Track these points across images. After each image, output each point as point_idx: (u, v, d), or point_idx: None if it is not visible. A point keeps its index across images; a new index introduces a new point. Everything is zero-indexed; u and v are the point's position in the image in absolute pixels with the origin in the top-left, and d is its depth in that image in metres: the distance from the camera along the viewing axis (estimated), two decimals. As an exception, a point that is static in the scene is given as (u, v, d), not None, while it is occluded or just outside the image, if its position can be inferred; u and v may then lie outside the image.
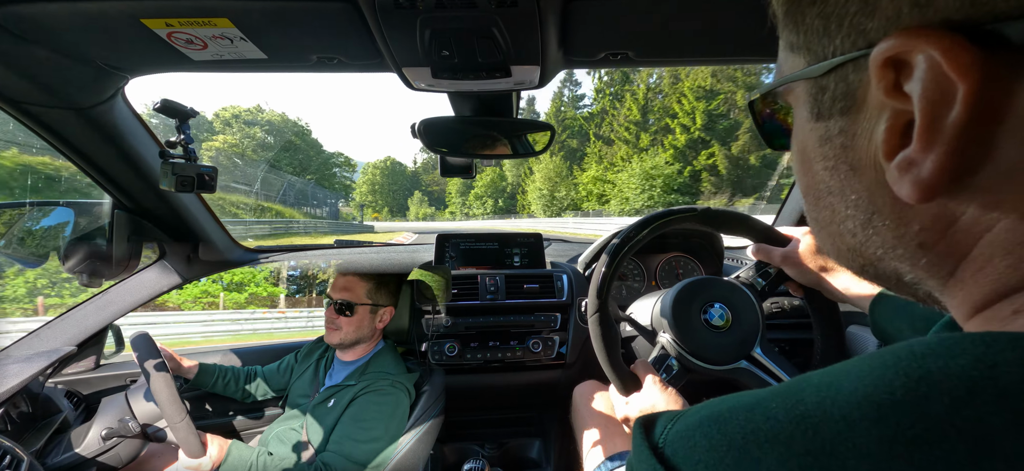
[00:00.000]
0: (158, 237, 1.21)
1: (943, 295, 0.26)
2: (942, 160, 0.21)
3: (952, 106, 0.20)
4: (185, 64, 0.76)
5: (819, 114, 0.26)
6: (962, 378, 0.18)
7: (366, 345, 1.28)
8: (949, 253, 0.24)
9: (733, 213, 0.90)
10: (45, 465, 1.08)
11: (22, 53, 0.69)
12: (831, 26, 0.24)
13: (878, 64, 0.22)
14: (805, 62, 0.26)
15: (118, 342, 1.38)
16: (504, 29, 0.63)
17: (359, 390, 1.17)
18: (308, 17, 0.63)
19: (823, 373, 0.22)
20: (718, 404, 0.25)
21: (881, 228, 0.26)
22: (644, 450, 0.25)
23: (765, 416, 0.22)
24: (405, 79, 0.79)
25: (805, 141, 0.28)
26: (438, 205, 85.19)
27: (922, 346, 0.20)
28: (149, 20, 0.62)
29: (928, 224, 0.24)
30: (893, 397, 0.19)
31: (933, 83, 0.20)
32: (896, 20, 0.21)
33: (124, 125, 0.93)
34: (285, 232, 23.12)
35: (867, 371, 0.20)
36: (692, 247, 1.56)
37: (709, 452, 0.23)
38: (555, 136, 0.97)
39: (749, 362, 0.86)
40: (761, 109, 0.33)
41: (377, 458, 1.10)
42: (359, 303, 1.24)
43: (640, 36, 0.72)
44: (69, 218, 1.08)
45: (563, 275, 1.45)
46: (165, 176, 0.89)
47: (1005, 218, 0.21)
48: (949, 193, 0.22)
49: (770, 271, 0.91)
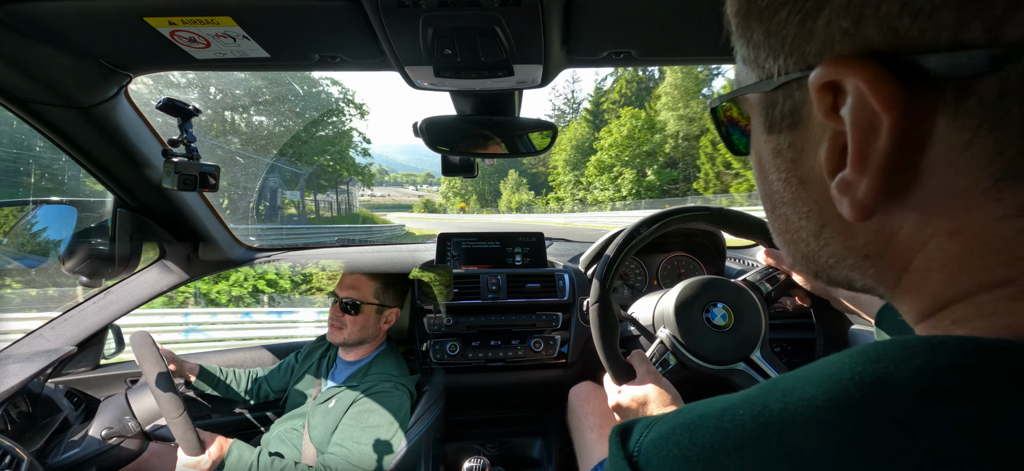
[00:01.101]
0: (161, 236, 1.21)
1: (894, 300, 0.27)
2: (874, 184, 0.22)
3: (879, 135, 0.21)
4: (188, 62, 0.76)
5: (771, 127, 0.27)
6: (911, 382, 0.19)
7: (369, 346, 1.28)
8: (892, 265, 0.25)
9: (748, 217, 0.90)
10: (45, 465, 1.08)
11: (26, 51, 0.69)
12: (775, 45, 0.24)
13: (815, 88, 0.22)
14: (755, 77, 0.27)
15: (118, 342, 1.38)
16: (507, 27, 0.63)
17: (362, 391, 1.17)
18: (311, 15, 0.63)
19: (789, 377, 0.23)
20: (690, 411, 0.25)
21: (831, 239, 0.26)
22: (619, 459, 0.25)
23: (733, 423, 0.22)
24: (407, 78, 0.79)
25: (760, 151, 0.29)
26: (540, 189, 63.97)
27: (878, 350, 0.20)
28: (152, 18, 0.62)
29: (871, 238, 0.25)
30: (850, 401, 0.19)
31: (861, 112, 0.21)
32: (830, 46, 0.22)
33: (127, 124, 0.93)
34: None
35: (826, 375, 0.21)
36: (694, 246, 1.55)
37: (681, 460, 0.23)
38: (557, 135, 0.96)
39: (747, 365, 0.85)
40: (722, 117, 0.33)
41: (380, 458, 1.10)
42: (365, 302, 1.23)
43: (643, 35, 0.72)
44: (73, 216, 1.09)
45: (565, 274, 1.45)
46: (168, 174, 0.89)
47: (937, 236, 0.22)
48: (886, 211, 0.23)
49: (778, 276, 0.91)
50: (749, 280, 0.92)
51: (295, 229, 25.33)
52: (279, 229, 23.27)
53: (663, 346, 0.89)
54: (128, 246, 1.13)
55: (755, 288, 0.91)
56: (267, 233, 21.37)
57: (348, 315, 1.21)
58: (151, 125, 0.99)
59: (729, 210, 0.89)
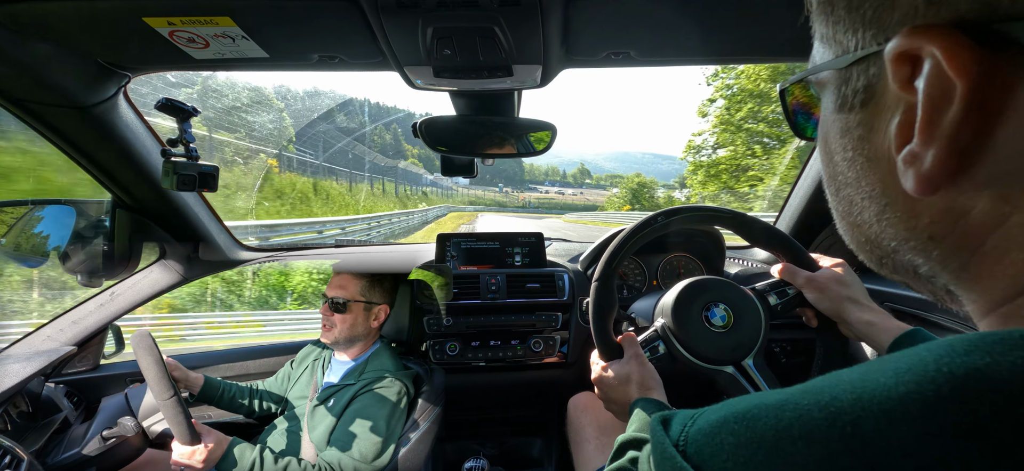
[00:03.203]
0: (160, 236, 1.21)
1: (958, 289, 0.26)
2: (941, 155, 0.21)
3: (950, 103, 0.20)
4: (186, 63, 0.76)
5: (841, 105, 0.27)
6: (1014, 374, 0.18)
7: (362, 344, 1.29)
8: (960, 246, 0.24)
9: (771, 228, 0.89)
10: (45, 465, 1.08)
11: (24, 51, 0.69)
12: (856, 20, 0.24)
13: (891, 59, 0.22)
14: (833, 54, 0.27)
15: (118, 342, 1.38)
16: (506, 28, 0.63)
17: (358, 389, 1.17)
18: (310, 16, 0.64)
19: (855, 371, 0.22)
20: (738, 403, 0.25)
21: (894, 220, 0.26)
22: (667, 447, 0.26)
23: (796, 414, 0.22)
24: (407, 78, 0.79)
25: (828, 132, 0.29)
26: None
27: (963, 343, 0.20)
28: (151, 18, 0.62)
29: (937, 217, 0.24)
30: (938, 393, 0.19)
31: (935, 80, 0.21)
32: (913, 16, 0.21)
33: (126, 124, 0.93)
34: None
35: (905, 368, 0.20)
36: (694, 247, 1.55)
37: (737, 449, 0.23)
38: (556, 136, 0.96)
39: (737, 370, 0.85)
40: (791, 99, 0.34)
41: (379, 456, 1.11)
42: (352, 300, 1.24)
43: (642, 35, 0.72)
44: (70, 217, 1.08)
45: (564, 274, 1.45)
46: (166, 174, 0.89)
47: (1017, 213, 0.21)
48: (956, 187, 0.22)
49: (788, 291, 0.90)
50: (758, 289, 0.92)
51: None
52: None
53: (656, 334, 0.89)
54: (127, 246, 1.13)
55: (763, 298, 0.90)
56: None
57: (338, 314, 1.24)
58: (150, 125, 0.99)
59: (751, 216, 0.88)
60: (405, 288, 1.46)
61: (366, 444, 1.10)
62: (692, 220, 0.90)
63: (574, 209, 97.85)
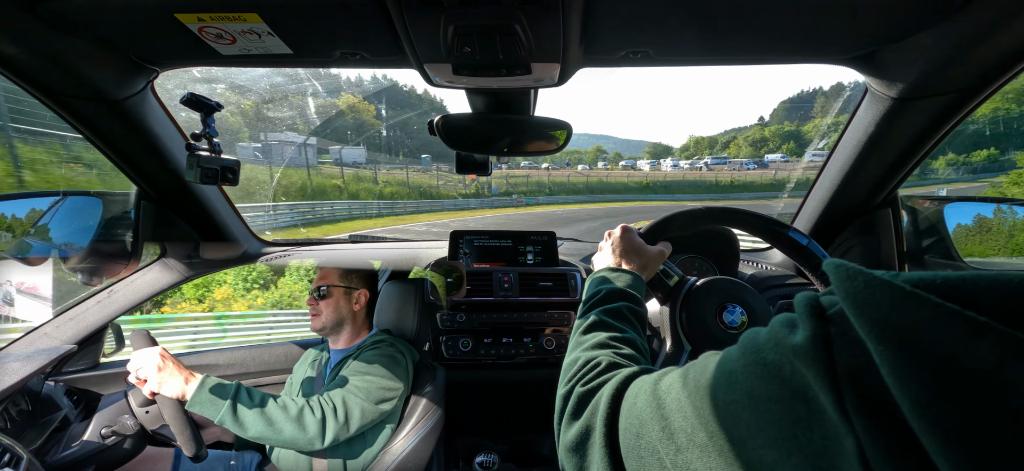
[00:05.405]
0: (183, 230, 1.23)
1: None
2: None
3: None
4: (213, 58, 0.78)
5: None
6: None
7: (352, 329, 1.34)
8: None
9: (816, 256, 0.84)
10: (44, 463, 1.08)
11: (59, 44, 0.71)
12: None
13: None
14: None
15: (118, 340, 1.38)
16: (527, 25, 0.63)
17: (357, 353, 1.25)
18: (335, 12, 0.65)
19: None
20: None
21: None
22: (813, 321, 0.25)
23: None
24: (425, 75, 0.80)
25: None
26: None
27: None
28: (182, 14, 0.63)
29: None
30: None
31: None
32: None
33: (153, 117, 0.96)
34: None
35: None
36: (709, 248, 1.54)
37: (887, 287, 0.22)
38: (571, 134, 0.97)
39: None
40: None
41: (384, 400, 1.16)
42: (333, 285, 1.33)
43: (661, 35, 0.72)
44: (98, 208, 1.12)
45: (576, 273, 1.45)
46: (190, 167, 0.91)
47: None
48: None
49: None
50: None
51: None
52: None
53: (669, 284, 0.90)
54: (150, 238, 1.16)
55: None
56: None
57: (322, 301, 1.32)
58: (175, 120, 1.01)
59: (805, 237, 0.83)
60: (409, 286, 1.48)
61: (370, 384, 1.16)
62: (746, 225, 0.88)
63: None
